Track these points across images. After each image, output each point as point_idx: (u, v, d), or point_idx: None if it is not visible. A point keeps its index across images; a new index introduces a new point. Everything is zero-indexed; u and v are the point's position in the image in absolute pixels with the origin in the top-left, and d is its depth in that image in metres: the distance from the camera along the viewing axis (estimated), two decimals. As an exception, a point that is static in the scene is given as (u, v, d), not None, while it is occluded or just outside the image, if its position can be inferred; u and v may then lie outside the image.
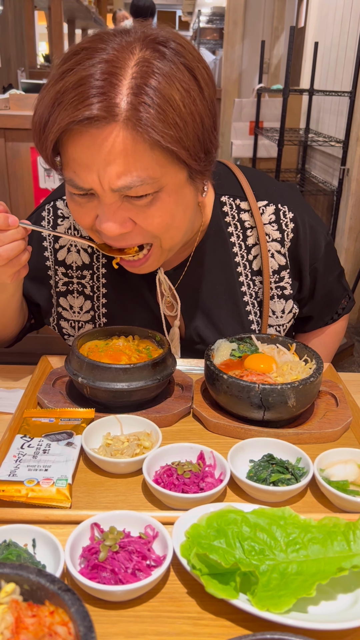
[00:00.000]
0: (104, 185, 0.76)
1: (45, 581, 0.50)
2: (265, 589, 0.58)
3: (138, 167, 0.75)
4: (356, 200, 3.34)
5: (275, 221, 1.01)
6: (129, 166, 0.75)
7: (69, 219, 1.04)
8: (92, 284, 1.05)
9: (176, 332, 1.05)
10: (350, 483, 0.76)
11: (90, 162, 0.75)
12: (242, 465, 0.80)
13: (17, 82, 3.34)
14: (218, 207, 1.01)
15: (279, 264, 1.02)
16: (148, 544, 0.64)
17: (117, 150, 0.74)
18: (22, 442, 0.83)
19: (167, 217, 0.82)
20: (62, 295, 1.08)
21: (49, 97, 0.76)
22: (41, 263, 1.09)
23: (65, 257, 1.05)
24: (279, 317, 1.05)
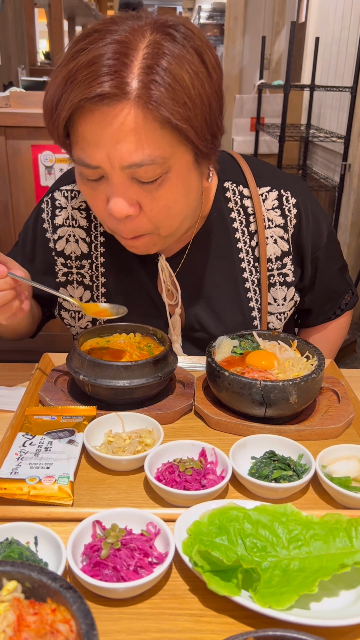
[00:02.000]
0: (113, 162, 0.77)
1: (47, 579, 0.50)
2: (268, 585, 0.58)
3: (148, 145, 0.76)
4: (358, 195, 3.33)
5: (278, 207, 1.01)
6: (140, 143, 0.75)
7: (66, 209, 1.04)
8: (91, 273, 1.05)
9: (177, 320, 1.04)
10: (353, 479, 0.76)
11: (100, 140, 0.76)
12: (243, 462, 0.80)
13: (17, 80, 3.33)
14: (221, 193, 1.01)
15: (281, 250, 1.02)
16: (150, 541, 0.64)
17: (128, 128, 0.74)
18: (23, 439, 0.83)
19: (172, 201, 0.83)
20: (62, 286, 1.08)
21: (61, 76, 0.76)
22: (48, 255, 1.09)
23: (64, 248, 1.06)
24: (280, 305, 1.04)
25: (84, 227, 1.02)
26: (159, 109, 0.73)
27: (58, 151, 2.41)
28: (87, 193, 0.85)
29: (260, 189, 1.01)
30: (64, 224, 1.04)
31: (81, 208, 1.04)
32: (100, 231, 1.04)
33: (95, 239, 1.03)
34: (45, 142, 2.41)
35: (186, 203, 0.86)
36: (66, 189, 1.05)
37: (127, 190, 0.80)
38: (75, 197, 1.05)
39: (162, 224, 0.85)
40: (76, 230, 1.03)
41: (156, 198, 0.81)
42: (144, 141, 0.75)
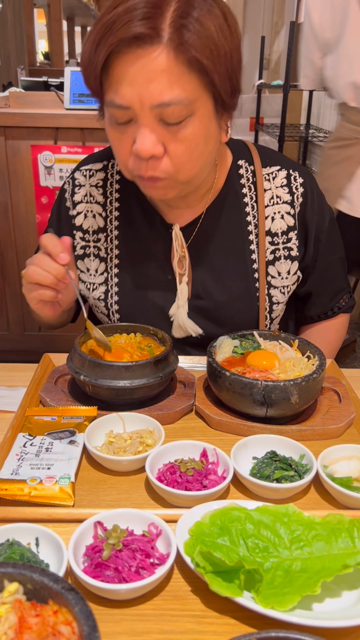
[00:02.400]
0: (144, 102, 0.82)
1: (48, 580, 0.50)
2: (270, 586, 0.58)
3: (177, 86, 0.82)
4: (357, 195, 3.32)
5: (286, 185, 1.07)
6: (169, 84, 0.81)
7: (85, 187, 1.11)
8: (105, 246, 1.11)
9: (185, 287, 1.08)
10: (354, 479, 0.76)
11: (133, 80, 0.81)
12: (245, 462, 0.80)
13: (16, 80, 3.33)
14: (235, 170, 1.08)
15: (287, 224, 1.07)
16: (151, 542, 0.63)
17: (159, 69, 0.80)
18: (24, 440, 0.83)
19: (194, 144, 0.88)
20: (80, 259, 1.13)
21: (100, 24, 0.82)
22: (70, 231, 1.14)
23: (82, 223, 1.12)
24: (284, 278, 1.09)
25: (100, 203, 1.10)
26: (189, 50, 0.80)
27: (57, 151, 2.41)
28: (114, 136, 0.90)
29: (271, 167, 1.08)
30: (82, 200, 1.11)
31: (98, 185, 1.11)
32: (115, 206, 1.10)
33: (110, 214, 1.10)
34: (44, 142, 2.40)
35: (205, 149, 0.91)
36: (85, 169, 1.13)
37: (153, 131, 0.85)
38: (93, 176, 1.11)
39: (182, 167, 0.89)
40: (93, 206, 1.10)
41: (180, 140, 0.86)
42: (174, 82, 0.81)
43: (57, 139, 2.40)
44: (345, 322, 1.24)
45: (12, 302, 2.70)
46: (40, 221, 2.53)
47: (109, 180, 1.10)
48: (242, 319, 1.10)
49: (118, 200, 1.10)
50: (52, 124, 2.38)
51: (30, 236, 2.57)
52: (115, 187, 1.10)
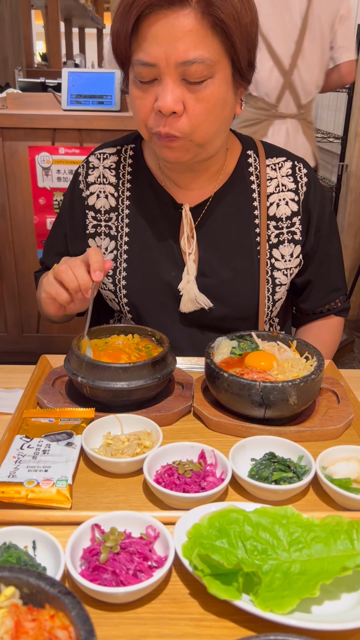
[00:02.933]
0: (170, 59, 0.88)
1: (45, 584, 0.50)
2: (269, 589, 0.58)
3: (202, 46, 0.88)
4: (355, 196, 3.33)
5: (291, 174, 1.14)
6: (195, 43, 0.87)
7: (98, 169, 1.16)
8: (116, 224, 1.15)
9: (192, 265, 1.11)
10: (353, 481, 0.75)
11: (161, 39, 0.87)
12: (243, 463, 0.80)
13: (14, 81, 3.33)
14: (244, 158, 1.14)
15: (292, 210, 1.13)
16: (149, 544, 0.63)
17: (186, 29, 0.86)
18: (21, 442, 0.82)
19: (212, 105, 0.92)
20: (91, 237, 1.17)
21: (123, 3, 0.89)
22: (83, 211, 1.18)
23: (95, 202, 1.16)
24: (287, 261, 1.13)
25: (113, 184, 1.14)
26: (215, 13, 0.86)
27: (55, 152, 2.40)
28: (137, 95, 0.94)
29: (277, 158, 1.15)
30: (95, 181, 1.16)
31: (111, 167, 1.16)
32: (127, 187, 1.15)
33: (122, 194, 1.15)
34: (42, 143, 2.40)
35: (221, 114, 0.95)
36: (99, 152, 1.18)
37: (176, 89, 0.90)
38: (107, 159, 1.16)
39: (199, 127, 0.93)
40: (106, 187, 1.15)
41: (199, 99, 0.91)
42: (199, 42, 0.87)
43: (54, 140, 2.40)
44: (340, 325, 1.27)
45: (10, 304, 2.70)
46: (38, 222, 2.52)
47: (122, 163, 1.15)
48: (245, 298, 1.13)
49: (130, 182, 1.15)
50: (49, 125, 2.37)
51: (28, 237, 2.57)
52: (127, 169, 1.15)
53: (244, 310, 1.13)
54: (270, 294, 1.13)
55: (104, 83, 2.44)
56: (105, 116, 2.37)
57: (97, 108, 2.43)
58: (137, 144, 1.17)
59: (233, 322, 1.14)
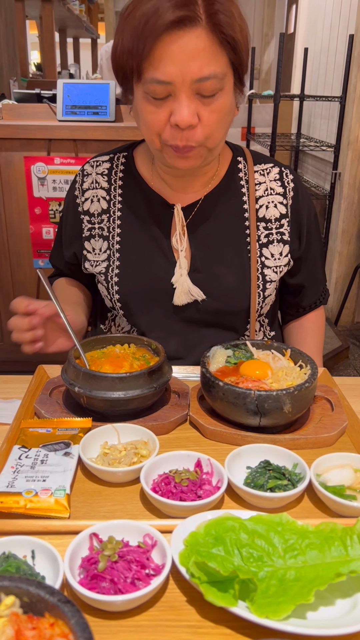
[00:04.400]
0: (185, 77, 0.92)
1: (44, 593, 0.50)
2: (264, 595, 0.59)
3: (214, 62, 0.93)
4: (348, 203, 3.36)
5: (279, 179, 1.20)
6: (208, 60, 0.92)
7: (92, 175, 1.22)
8: (108, 225, 1.19)
9: (184, 261, 1.15)
10: (347, 488, 0.77)
11: (177, 59, 0.91)
12: (239, 472, 0.81)
13: (9, 92, 3.35)
14: (234, 164, 1.20)
15: (280, 212, 1.19)
16: (147, 552, 0.64)
17: (199, 48, 0.91)
18: (19, 452, 0.83)
19: (222, 114, 0.99)
20: (87, 240, 1.21)
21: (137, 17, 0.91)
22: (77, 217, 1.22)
23: (89, 207, 1.21)
24: (277, 259, 1.18)
25: (105, 188, 1.20)
26: (223, 29, 0.92)
27: (51, 162, 2.42)
28: (149, 111, 0.98)
29: (265, 164, 1.21)
30: (89, 187, 1.21)
31: (103, 173, 1.21)
32: (118, 192, 1.20)
33: (114, 197, 1.19)
34: (37, 153, 2.42)
35: (228, 119, 1.02)
36: (94, 160, 1.24)
37: (191, 104, 0.95)
38: (100, 166, 1.22)
39: (212, 134, 0.99)
40: (98, 191, 1.20)
41: (213, 110, 0.97)
42: (211, 58, 0.93)
43: (50, 151, 2.42)
44: (323, 313, 1.35)
45: (6, 313, 2.70)
46: (34, 232, 2.54)
47: (114, 169, 1.20)
48: (237, 292, 1.16)
49: (121, 187, 1.19)
50: (45, 136, 2.39)
51: (24, 247, 2.58)
52: (119, 175, 1.20)
53: (235, 304, 1.16)
54: (260, 290, 1.17)
55: (98, 94, 2.46)
56: (100, 126, 2.40)
57: (92, 119, 2.45)
58: (129, 152, 1.21)
59: (224, 316, 1.17)
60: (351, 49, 3.17)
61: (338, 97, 3.33)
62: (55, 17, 5.95)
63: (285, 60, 4.43)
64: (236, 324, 1.19)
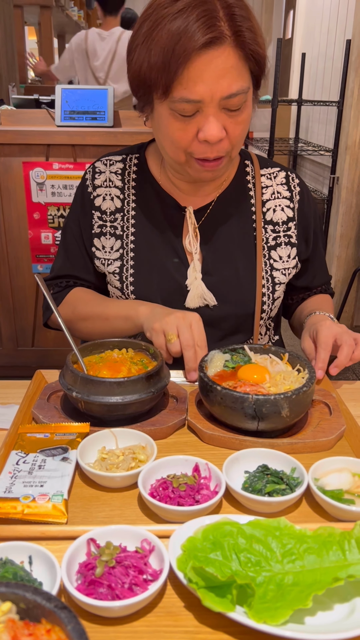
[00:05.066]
0: (215, 95, 0.95)
1: (41, 599, 0.50)
2: (262, 600, 0.59)
3: (240, 78, 0.97)
4: (347, 207, 3.37)
5: (285, 183, 1.23)
6: (236, 77, 0.96)
7: (105, 173, 1.23)
8: (122, 224, 1.21)
9: (197, 264, 1.17)
10: (345, 492, 0.77)
11: (206, 78, 0.94)
12: (237, 476, 0.81)
13: (8, 98, 3.36)
14: (242, 167, 1.24)
15: (287, 215, 1.22)
16: (144, 558, 0.64)
17: (228, 66, 0.94)
18: (17, 458, 0.83)
19: (246, 124, 1.03)
20: (97, 237, 1.22)
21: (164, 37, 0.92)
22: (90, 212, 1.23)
23: (101, 204, 1.22)
24: (285, 262, 1.21)
25: (119, 187, 1.22)
26: (249, 46, 0.95)
27: (49, 168, 2.43)
28: (177, 127, 1.00)
29: (272, 168, 1.25)
30: (102, 185, 1.23)
31: (117, 172, 1.23)
32: (132, 192, 1.22)
33: (128, 197, 1.21)
34: (36, 159, 2.42)
35: (248, 128, 1.06)
36: (105, 159, 1.26)
37: (219, 119, 0.98)
38: (113, 164, 1.24)
39: (237, 144, 1.04)
40: (112, 190, 1.21)
41: (238, 122, 1.01)
42: (238, 75, 0.96)
43: (48, 156, 2.42)
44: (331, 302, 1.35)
45: (5, 318, 2.70)
46: (33, 237, 2.54)
47: (127, 170, 1.23)
48: (246, 295, 1.18)
49: (134, 187, 1.22)
50: (43, 141, 2.40)
51: (23, 252, 2.58)
52: (132, 176, 1.22)
53: (244, 307, 1.18)
54: (270, 292, 1.19)
55: (97, 99, 2.47)
56: (98, 132, 2.40)
57: (90, 124, 2.46)
58: (140, 153, 1.23)
59: (234, 319, 1.19)
60: (348, 54, 3.18)
61: (335, 101, 3.35)
62: (54, 23, 5.98)
63: (283, 66, 4.45)
64: (244, 326, 1.20)
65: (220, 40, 0.92)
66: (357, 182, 3.31)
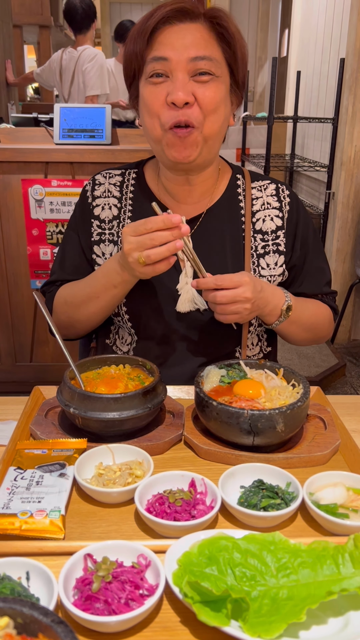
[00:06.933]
0: (182, 56, 1.03)
1: (38, 614, 0.51)
2: (257, 615, 0.59)
3: (210, 48, 1.05)
4: (342, 222, 3.40)
5: (275, 195, 1.27)
6: (204, 45, 1.04)
7: (104, 185, 1.29)
8: (118, 230, 1.25)
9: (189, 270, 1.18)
10: (339, 506, 0.77)
11: (175, 42, 1.04)
12: (233, 491, 0.81)
13: (7, 116, 3.40)
14: (233, 180, 1.28)
15: (276, 225, 1.25)
16: (141, 573, 0.64)
17: (197, 35, 1.04)
18: (15, 474, 0.84)
19: (217, 99, 1.06)
20: (96, 244, 1.26)
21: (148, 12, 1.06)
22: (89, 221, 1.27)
23: (100, 213, 1.27)
24: (272, 269, 1.23)
25: (117, 197, 1.27)
26: (220, 26, 1.06)
27: (48, 185, 2.45)
28: (150, 91, 1.07)
29: (263, 181, 1.29)
30: (101, 195, 1.28)
31: (115, 184, 1.28)
32: (129, 202, 1.26)
33: (125, 206, 1.26)
34: (35, 176, 2.45)
35: (222, 113, 1.09)
36: (105, 172, 1.31)
37: (186, 84, 1.04)
38: (112, 177, 1.29)
39: (208, 117, 1.06)
40: (110, 200, 1.26)
41: (207, 89, 1.05)
42: (207, 45, 1.05)
43: (47, 173, 2.45)
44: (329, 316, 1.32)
45: (3, 333, 2.71)
46: (31, 253, 2.56)
47: (125, 183, 1.28)
48: None
49: (132, 198, 1.26)
50: (42, 159, 2.43)
51: (22, 268, 2.60)
52: (130, 188, 1.27)
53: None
54: None
55: (95, 117, 2.51)
56: (96, 149, 2.43)
57: (88, 142, 2.50)
58: (139, 168, 1.28)
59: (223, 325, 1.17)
60: (342, 72, 3.23)
61: (330, 118, 3.39)
62: (53, 42, 6.07)
63: (279, 83, 4.51)
64: (234, 332, 1.22)
65: (193, 16, 1.04)
66: (352, 197, 3.35)
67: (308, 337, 1.28)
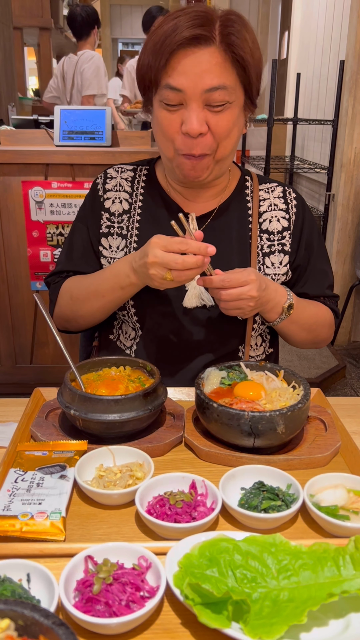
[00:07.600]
0: (197, 87, 1.02)
1: (39, 616, 0.51)
2: (258, 617, 0.59)
3: (224, 76, 1.04)
4: (342, 224, 3.40)
5: (282, 197, 1.29)
6: (219, 74, 1.03)
7: (116, 179, 1.30)
8: (127, 225, 1.26)
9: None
10: (340, 508, 0.77)
11: (189, 71, 1.02)
12: (233, 493, 0.81)
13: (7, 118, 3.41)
14: (242, 182, 1.30)
15: (282, 226, 1.27)
16: (141, 575, 0.64)
17: (212, 63, 1.02)
18: (15, 476, 0.84)
19: (231, 124, 1.08)
20: (104, 236, 1.27)
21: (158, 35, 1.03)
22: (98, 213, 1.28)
23: (110, 206, 1.28)
24: (277, 268, 1.25)
25: (128, 192, 1.28)
26: (235, 49, 1.03)
27: (48, 187, 2.46)
28: (163, 116, 1.08)
29: (270, 183, 1.31)
30: (112, 189, 1.29)
31: (127, 179, 1.30)
32: (140, 198, 1.28)
33: (135, 202, 1.27)
34: (35, 178, 2.45)
35: (235, 134, 1.11)
36: (118, 166, 1.33)
37: (200, 113, 1.04)
38: (124, 172, 1.30)
39: (222, 143, 1.08)
40: (121, 194, 1.28)
41: (221, 119, 1.06)
42: (221, 73, 1.03)
43: (47, 175, 2.46)
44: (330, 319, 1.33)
45: (4, 335, 2.71)
46: (32, 255, 2.56)
47: (137, 178, 1.30)
48: None
49: (142, 194, 1.28)
50: (42, 161, 2.43)
51: (22, 270, 2.60)
52: (141, 184, 1.29)
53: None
54: None
55: (95, 119, 2.51)
56: (96, 151, 2.44)
57: (88, 144, 2.50)
58: (150, 165, 1.30)
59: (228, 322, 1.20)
60: (342, 74, 3.24)
61: (330, 120, 3.40)
62: (53, 44, 6.08)
63: (279, 85, 4.51)
64: (238, 331, 1.23)
65: (207, 40, 1.01)
66: (352, 199, 3.35)
67: (308, 339, 1.28)
